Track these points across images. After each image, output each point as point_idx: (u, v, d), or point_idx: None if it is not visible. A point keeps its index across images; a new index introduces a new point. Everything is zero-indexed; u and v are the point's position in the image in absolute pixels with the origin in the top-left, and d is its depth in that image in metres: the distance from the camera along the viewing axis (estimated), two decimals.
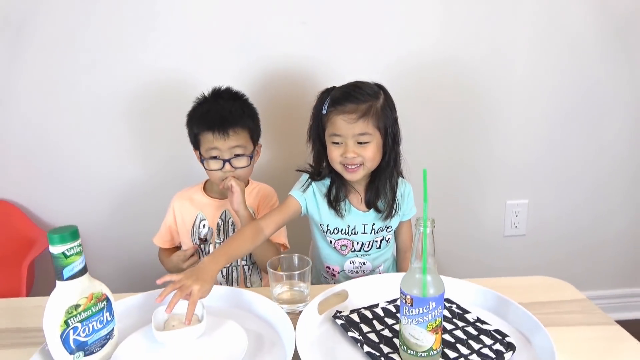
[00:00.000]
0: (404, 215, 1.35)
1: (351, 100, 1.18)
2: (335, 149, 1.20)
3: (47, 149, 1.65)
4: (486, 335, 0.87)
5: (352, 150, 1.18)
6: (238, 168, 1.28)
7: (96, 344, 0.81)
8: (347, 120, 1.17)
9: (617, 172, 1.91)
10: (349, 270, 1.36)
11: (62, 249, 0.75)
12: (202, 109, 1.30)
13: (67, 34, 1.55)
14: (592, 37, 1.74)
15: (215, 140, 1.25)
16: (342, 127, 1.17)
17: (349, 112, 1.17)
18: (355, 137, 1.18)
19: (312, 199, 1.28)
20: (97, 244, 1.73)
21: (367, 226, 1.30)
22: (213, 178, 1.31)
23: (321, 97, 1.25)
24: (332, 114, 1.19)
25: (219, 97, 1.31)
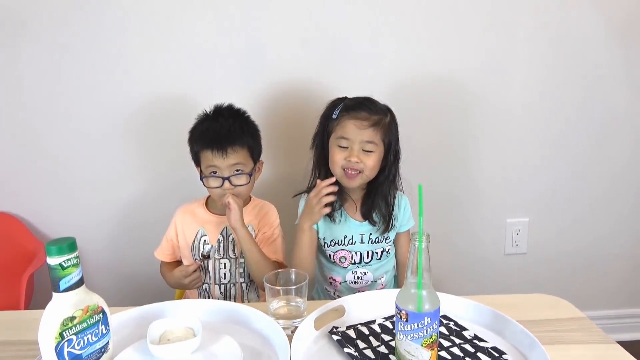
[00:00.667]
0: (401, 227, 1.38)
1: (364, 109, 1.27)
2: (340, 152, 1.26)
3: (49, 161, 1.67)
4: (483, 353, 0.86)
5: (357, 155, 1.24)
6: (237, 186, 1.28)
7: (91, 357, 0.81)
8: (358, 126, 1.24)
9: (618, 190, 1.91)
10: (350, 281, 1.37)
11: (59, 260, 0.76)
12: (202, 127, 1.32)
13: (70, 48, 1.58)
14: (592, 53, 1.75)
15: (214, 159, 1.26)
16: (352, 131, 1.25)
17: (361, 119, 1.25)
18: (362, 144, 1.25)
19: None
20: (97, 256, 1.73)
21: (365, 236, 1.34)
22: (213, 195, 1.32)
23: (333, 104, 1.33)
24: (344, 118, 1.26)
25: (220, 115, 1.33)
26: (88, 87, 1.61)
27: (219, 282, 1.38)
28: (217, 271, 1.37)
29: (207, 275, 1.37)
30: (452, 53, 1.71)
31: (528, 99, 1.78)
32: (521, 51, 1.73)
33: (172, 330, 0.88)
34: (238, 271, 1.38)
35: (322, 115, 1.34)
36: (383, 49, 1.68)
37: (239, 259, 1.37)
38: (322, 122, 1.34)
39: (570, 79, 1.77)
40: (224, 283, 1.38)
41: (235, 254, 1.37)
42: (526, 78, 1.76)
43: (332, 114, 1.29)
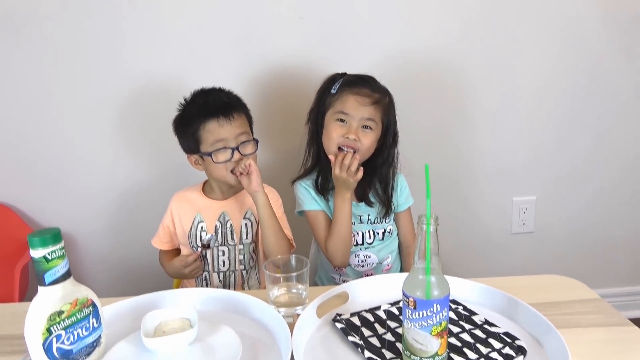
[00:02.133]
0: (399, 206, 1.36)
1: (366, 86, 1.23)
2: (338, 127, 1.23)
3: (43, 150, 1.61)
4: (495, 339, 0.82)
5: (355, 132, 1.21)
6: (246, 155, 1.24)
7: (82, 352, 0.77)
8: (360, 102, 1.21)
9: (626, 168, 1.87)
10: (355, 265, 1.35)
11: (43, 253, 0.71)
12: (197, 104, 1.26)
13: (62, 35, 1.52)
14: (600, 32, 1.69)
15: (221, 128, 1.21)
16: (353, 106, 1.21)
17: (364, 95, 1.22)
18: (362, 121, 1.22)
19: (311, 197, 1.33)
20: (92, 246, 1.70)
21: (363, 217, 1.33)
22: (220, 173, 1.25)
23: (332, 78, 1.29)
24: (344, 92, 1.23)
25: (210, 92, 1.28)
26: (79, 73, 1.55)
27: (218, 270, 1.33)
28: (215, 259, 1.33)
29: (206, 264, 1.33)
30: (457, 31, 1.64)
31: (537, 77, 1.72)
32: (530, 29, 1.66)
33: (167, 321, 0.85)
34: (237, 258, 1.33)
35: (320, 90, 1.30)
36: (381, 28, 1.61)
37: (238, 245, 1.33)
38: (319, 97, 1.30)
39: (578, 58, 1.71)
40: (223, 271, 1.34)
41: (234, 240, 1.32)
42: (535, 56, 1.70)
43: (331, 89, 1.25)
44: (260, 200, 1.23)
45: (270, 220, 1.24)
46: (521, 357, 0.77)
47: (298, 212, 1.38)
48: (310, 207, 1.33)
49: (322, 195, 1.32)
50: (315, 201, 1.33)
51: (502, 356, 0.77)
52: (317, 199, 1.33)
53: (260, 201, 1.23)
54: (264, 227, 1.25)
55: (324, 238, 1.30)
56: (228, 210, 1.32)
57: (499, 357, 0.77)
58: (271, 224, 1.24)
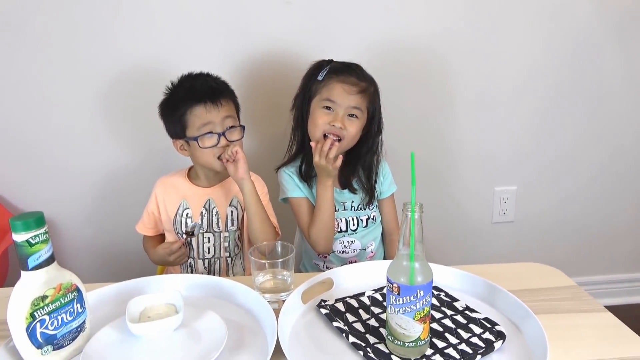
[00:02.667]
0: (382, 193, 1.38)
1: (353, 74, 1.23)
2: (324, 114, 1.23)
3: (24, 134, 1.58)
4: (475, 324, 0.84)
5: (341, 120, 1.22)
6: (232, 141, 1.23)
7: (66, 337, 0.76)
8: (347, 90, 1.21)
9: (605, 159, 1.90)
10: (338, 251, 1.37)
11: (26, 237, 0.70)
12: (184, 88, 1.25)
13: (48, 19, 1.47)
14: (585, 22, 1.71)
15: (208, 113, 1.20)
16: (340, 95, 1.21)
17: (351, 84, 1.22)
18: (348, 109, 1.22)
19: (295, 184, 1.34)
20: (74, 231, 1.67)
21: (347, 204, 1.34)
22: (206, 158, 1.24)
23: (318, 65, 1.28)
24: (331, 80, 1.23)
25: (197, 76, 1.27)
26: (62, 54, 1.52)
27: (203, 257, 1.33)
28: (200, 246, 1.33)
29: (191, 250, 1.33)
30: (440, 19, 1.64)
31: (520, 68, 1.74)
32: (513, 19, 1.68)
33: (152, 306, 0.85)
34: (223, 245, 1.33)
35: (306, 76, 1.31)
36: (367, 14, 1.60)
37: (224, 232, 1.33)
38: (304, 83, 1.30)
39: (563, 48, 1.73)
40: (208, 258, 1.34)
41: (219, 227, 1.32)
42: (517, 47, 1.71)
43: (318, 75, 1.25)
44: (247, 187, 1.23)
45: (256, 207, 1.24)
46: (500, 342, 0.79)
47: (282, 199, 1.38)
48: (293, 194, 1.34)
49: (306, 182, 1.33)
50: (298, 188, 1.34)
51: (482, 341, 0.79)
52: (300, 186, 1.34)
53: (247, 188, 1.23)
54: (250, 214, 1.24)
55: (307, 225, 1.31)
56: (214, 197, 1.32)
57: (479, 341, 0.79)
58: (257, 211, 1.24)
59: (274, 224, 1.32)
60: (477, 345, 0.78)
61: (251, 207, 1.24)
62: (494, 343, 0.78)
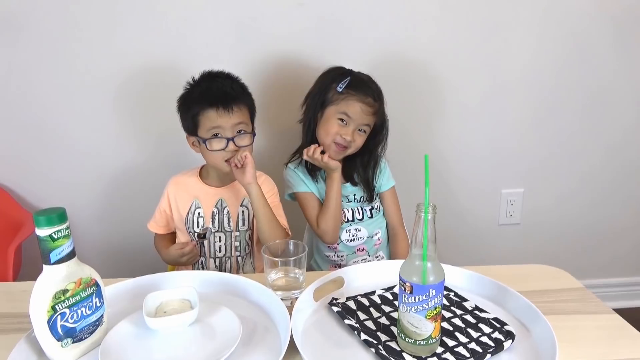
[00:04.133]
0: (381, 187, 1.45)
1: (370, 93, 1.31)
2: (338, 126, 1.31)
3: (37, 130, 1.60)
4: (485, 324, 0.85)
5: (351, 134, 1.30)
6: (241, 147, 1.25)
7: (85, 331, 0.78)
8: (364, 111, 1.30)
9: (611, 161, 1.91)
10: (346, 240, 1.42)
11: (49, 232, 0.72)
12: (200, 89, 1.26)
13: (61, 15, 1.50)
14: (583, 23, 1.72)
15: (219, 118, 1.21)
16: (357, 113, 1.30)
17: (368, 105, 1.31)
18: (360, 125, 1.32)
19: (300, 179, 1.40)
20: (88, 228, 1.69)
21: (350, 196, 1.41)
22: (215, 160, 1.26)
23: (338, 72, 1.34)
24: (351, 97, 1.30)
25: (216, 77, 1.28)
26: (77, 54, 1.54)
27: (214, 255, 1.35)
28: (212, 245, 1.34)
29: (202, 249, 1.35)
30: (446, 23, 1.66)
31: (523, 70, 1.75)
32: (515, 22, 1.69)
33: (168, 302, 0.86)
34: (234, 245, 1.35)
35: (322, 77, 1.36)
36: (381, 13, 1.62)
37: (235, 232, 1.34)
38: (321, 86, 1.34)
39: (570, 50, 1.74)
40: (219, 257, 1.35)
41: (230, 227, 1.34)
42: (522, 49, 1.72)
43: (338, 86, 1.30)
44: (254, 191, 1.24)
45: (264, 210, 1.25)
46: (510, 342, 0.80)
47: (288, 195, 1.43)
48: (299, 188, 1.39)
49: (311, 176, 1.39)
50: (303, 183, 1.39)
51: (491, 340, 0.81)
52: (305, 181, 1.39)
53: (254, 193, 1.24)
54: (258, 218, 1.26)
55: (315, 217, 1.37)
56: (225, 197, 1.33)
57: (488, 341, 0.81)
58: (265, 215, 1.25)
59: (284, 224, 1.33)
60: (486, 344, 0.80)
61: (259, 211, 1.25)
62: (504, 342, 0.80)
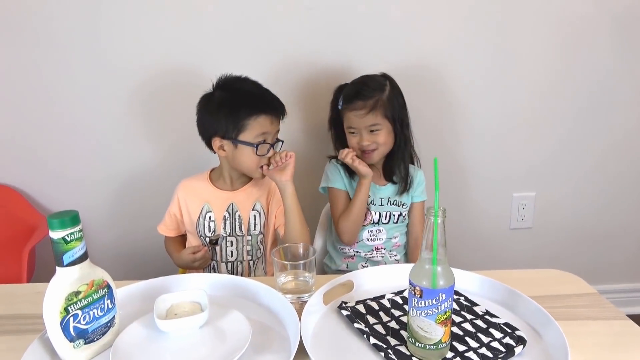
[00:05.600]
0: (414, 197, 1.49)
1: (359, 97, 1.35)
2: (353, 137, 1.40)
3: (51, 133, 1.63)
4: (495, 329, 0.85)
5: (366, 139, 1.37)
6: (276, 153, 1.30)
7: (97, 332, 0.79)
8: (357, 116, 1.35)
9: (623, 162, 1.89)
10: (366, 239, 1.47)
11: (63, 234, 0.73)
12: (250, 95, 1.27)
13: (73, 21, 1.52)
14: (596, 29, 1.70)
15: (271, 124, 1.26)
16: (355, 121, 1.36)
17: (358, 109, 1.34)
18: (368, 128, 1.35)
19: (340, 176, 1.45)
20: (98, 231, 1.71)
21: (384, 199, 1.45)
22: (250, 166, 1.28)
23: (336, 94, 1.44)
24: (345, 110, 1.38)
25: (252, 83, 1.31)
26: (91, 56, 1.56)
27: (226, 260, 1.36)
28: (223, 249, 1.35)
29: (214, 253, 1.35)
30: (455, 27, 1.65)
31: (536, 74, 1.74)
32: (522, 24, 1.68)
33: (178, 304, 0.87)
34: (245, 249, 1.35)
35: (331, 102, 1.46)
36: (393, 19, 1.61)
37: (246, 236, 1.35)
38: (332, 108, 1.45)
39: (578, 56, 1.73)
40: (231, 261, 1.36)
41: (242, 231, 1.34)
42: (535, 54, 1.71)
43: (338, 104, 1.40)
44: (289, 190, 1.28)
45: (297, 209, 1.29)
46: (521, 347, 0.79)
47: (322, 187, 1.48)
48: (335, 184, 1.45)
49: (351, 177, 1.44)
50: (342, 180, 1.45)
51: (502, 345, 0.80)
52: (344, 180, 1.45)
53: (289, 191, 1.28)
54: (291, 215, 1.29)
55: (339, 215, 1.43)
56: (236, 201, 1.34)
57: (499, 346, 0.80)
58: (297, 214, 1.29)
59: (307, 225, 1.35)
60: (497, 349, 0.79)
61: (293, 210, 1.29)
62: (515, 348, 0.79)
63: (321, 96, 1.62)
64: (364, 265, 1.47)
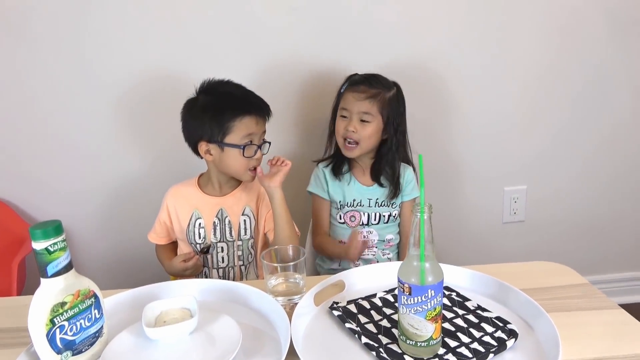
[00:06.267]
0: (404, 196, 1.48)
1: (365, 83, 1.37)
2: (341, 122, 1.38)
3: (37, 144, 1.61)
4: (487, 323, 0.84)
5: (354, 125, 1.35)
6: (264, 154, 1.30)
7: (85, 343, 0.78)
8: (356, 97, 1.34)
9: (614, 154, 1.89)
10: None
11: (45, 245, 0.72)
12: (234, 96, 1.27)
13: (60, 28, 1.50)
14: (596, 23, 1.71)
15: (256, 125, 1.25)
16: (350, 102, 1.36)
17: (359, 91, 1.35)
18: (360, 115, 1.35)
19: (324, 182, 1.46)
20: (89, 241, 1.70)
21: (372, 200, 1.45)
22: (239, 168, 1.27)
23: (345, 81, 1.43)
24: (347, 91, 1.38)
25: (236, 85, 1.31)
26: (77, 66, 1.54)
27: (217, 266, 1.35)
28: (214, 255, 1.34)
29: (205, 260, 1.34)
30: (447, 22, 1.65)
31: (527, 68, 1.74)
32: (515, 20, 1.68)
33: (168, 311, 0.86)
34: (236, 254, 1.34)
35: (338, 91, 1.44)
36: (381, 17, 1.61)
37: (237, 241, 1.34)
38: (336, 97, 1.44)
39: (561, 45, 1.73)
40: (222, 267, 1.35)
41: (232, 236, 1.33)
42: (518, 46, 1.71)
43: (341, 89, 1.40)
44: (277, 195, 1.27)
45: (286, 215, 1.28)
46: (513, 340, 0.79)
47: (308, 190, 1.49)
48: (315, 189, 1.46)
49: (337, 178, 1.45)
50: (322, 186, 1.46)
51: (494, 340, 0.80)
52: (324, 185, 1.46)
53: (277, 196, 1.27)
54: (280, 221, 1.27)
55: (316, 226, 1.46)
56: (226, 206, 1.33)
57: (491, 340, 0.80)
58: (286, 219, 1.28)
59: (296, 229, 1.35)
60: (489, 343, 0.79)
61: (282, 215, 1.27)
62: (506, 341, 0.79)
63: (311, 98, 1.62)
64: (356, 263, 1.47)
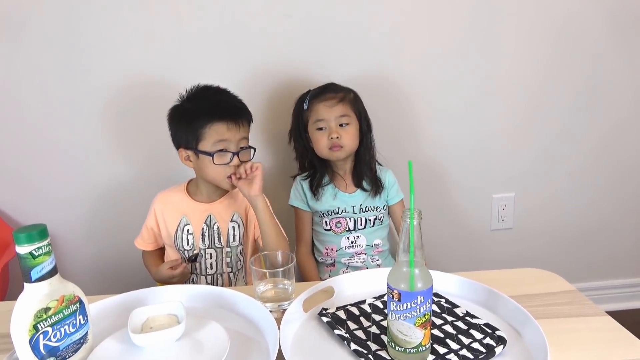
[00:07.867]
0: (390, 199, 1.49)
1: (329, 90, 1.40)
2: (321, 135, 1.38)
3: (21, 146, 1.58)
4: (476, 330, 0.84)
5: (336, 131, 1.36)
6: (244, 162, 1.25)
7: (69, 349, 0.77)
8: (328, 105, 1.36)
9: (601, 161, 1.91)
10: (346, 247, 1.46)
11: (30, 249, 0.71)
12: (207, 102, 1.25)
13: (48, 33, 1.49)
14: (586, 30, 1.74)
15: (228, 131, 1.21)
16: (325, 111, 1.36)
17: (329, 99, 1.37)
18: (337, 120, 1.36)
19: (302, 194, 1.46)
20: (75, 246, 1.67)
21: (356, 207, 1.45)
22: (216, 176, 1.24)
23: (301, 98, 1.44)
24: (313, 104, 1.38)
25: (219, 92, 1.28)
26: (65, 71, 1.52)
27: (206, 273, 1.33)
28: (203, 262, 1.33)
29: (194, 267, 1.33)
30: (433, 29, 1.67)
31: (514, 75, 1.76)
32: (502, 24, 1.69)
33: (154, 317, 0.85)
34: (225, 261, 1.33)
35: (294, 111, 1.45)
36: (370, 23, 1.62)
37: (225, 248, 1.33)
38: (295, 117, 1.45)
39: (547, 51, 1.75)
40: (211, 274, 1.33)
41: (221, 243, 1.32)
42: (505, 52, 1.73)
43: (303, 106, 1.40)
44: (260, 204, 1.24)
45: (270, 222, 1.25)
46: (501, 347, 0.79)
47: (290, 203, 1.49)
48: (296, 202, 1.48)
49: (314, 193, 1.44)
50: (301, 199, 1.45)
51: (483, 346, 0.80)
52: (304, 198, 1.45)
53: (260, 205, 1.24)
54: (266, 229, 1.25)
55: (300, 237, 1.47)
56: (215, 213, 1.32)
57: (480, 347, 0.80)
58: (272, 226, 1.25)
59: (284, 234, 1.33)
60: (478, 350, 0.79)
61: (266, 224, 1.24)
62: (495, 348, 0.79)
63: None
64: (345, 271, 1.46)
